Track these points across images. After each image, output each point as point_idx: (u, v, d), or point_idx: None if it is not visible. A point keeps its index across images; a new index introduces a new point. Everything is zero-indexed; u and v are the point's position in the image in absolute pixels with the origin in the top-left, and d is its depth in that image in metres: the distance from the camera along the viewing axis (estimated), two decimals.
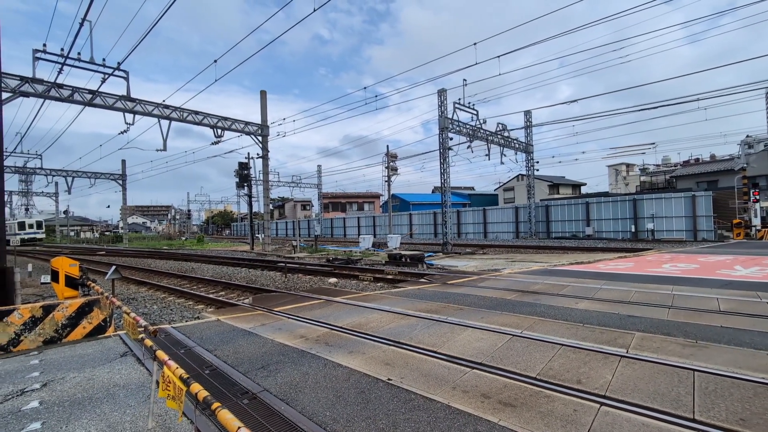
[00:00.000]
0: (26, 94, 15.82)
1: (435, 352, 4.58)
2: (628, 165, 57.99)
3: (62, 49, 14.88)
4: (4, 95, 14.17)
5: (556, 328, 5.33)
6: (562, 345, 4.62)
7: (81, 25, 11.58)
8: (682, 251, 16.76)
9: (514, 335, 5.08)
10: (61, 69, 15.15)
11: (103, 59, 15.97)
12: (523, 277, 10.32)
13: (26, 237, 51.05)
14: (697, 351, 4.29)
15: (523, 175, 38.40)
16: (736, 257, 13.52)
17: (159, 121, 19.82)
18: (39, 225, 54.08)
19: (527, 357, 4.30)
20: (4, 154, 9.13)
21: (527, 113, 31.34)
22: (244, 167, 29.48)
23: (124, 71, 16.88)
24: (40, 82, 15.94)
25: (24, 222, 52.76)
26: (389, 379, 3.82)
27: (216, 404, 1.73)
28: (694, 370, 3.76)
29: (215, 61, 14.38)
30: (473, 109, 24.82)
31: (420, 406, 3.26)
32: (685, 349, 4.36)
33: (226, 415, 1.63)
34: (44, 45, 15.04)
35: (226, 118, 22.80)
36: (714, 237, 23.59)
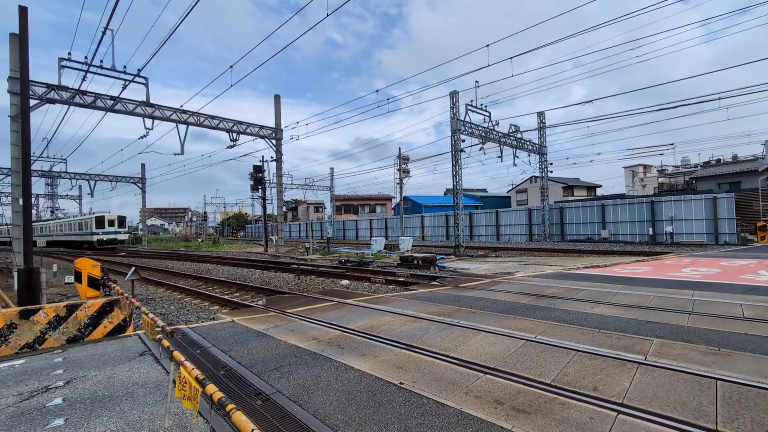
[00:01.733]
0: (52, 101, 16.44)
1: (447, 356, 4.55)
2: (645, 166, 56.52)
3: (86, 57, 15.42)
4: (32, 102, 14.76)
5: (572, 334, 5.24)
6: (578, 351, 4.53)
7: (103, 33, 11.98)
8: (703, 255, 16.24)
9: (527, 340, 5.01)
10: (84, 76, 15.70)
11: (124, 66, 16.48)
12: (536, 281, 10.17)
13: (105, 238, 38.08)
14: (719, 359, 4.15)
15: (536, 177, 37.86)
16: (760, 261, 13.02)
17: (177, 125, 20.31)
18: (122, 222, 40.38)
19: (541, 362, 4.23)
20: (31, 158, 9.50)
21: (540, 114, 30.92)
22: (258, 170, 29.93)
23: (143, 78, 17.39)
24: (65, 89, 16.55)
25: (103, 218, 38.60)
26: (401, 383, 3.82)
27: (230, 406, 1.77)
28: (716, 378, 3.64)
29: (231, 66, 14.68)
30: (485, 110, 24.62)
31: (432, 411, 3.24)
32: (707, 356, 4.22)
33: (240, 417, 1.67)
34: (69, 53, 15.62)
35: (241, 122, 23.20)
36: (737, 240, 22.76)
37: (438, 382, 3.83)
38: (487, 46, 13.72)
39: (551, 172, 31.98)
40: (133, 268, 10.19)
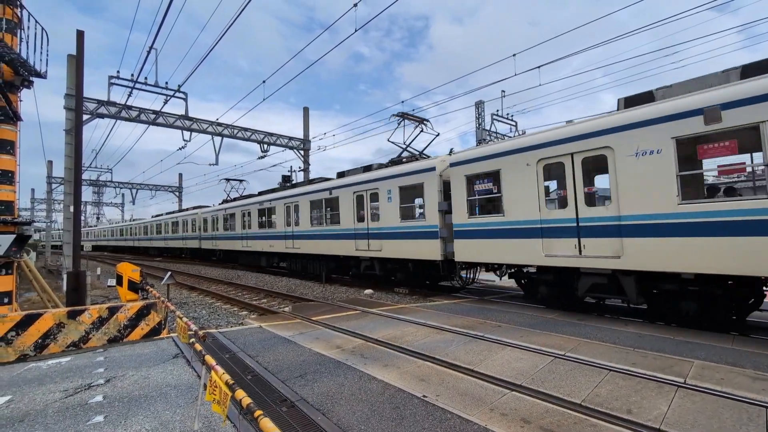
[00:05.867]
0: (102, 116, 17.76)
1: (472, 371, 4.47)
2: None
3: (132, 75, 16.61)
4: (84, 117, 15.98)
5: (604, 351, 5.00)
6: (611, 370, 4.33)
7: (148, 52, 12.89)
8: None
9: (556, 357, 4.84)
10: (130, 92, 16.88)
11: (166, 82, 17.59)
12: None
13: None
14: None
15: None
16: None
17: (212, 137, 21.35)
18: None
19: (571, 381, 4.07)
20: (81, 168, 10.29)
21: (569, 123, 30.05)
22: (286, 180, 30.79)
23: (183, 93, 18.47)
24: (113, 104, 17.84)
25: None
26: (424, 396, 3.79)
27: (258, 412, 1.84)
28: (767, 407, 3.37)
29: (264, 81, 15.33)
30: (512, 120, 24.24)
31: (456, 427, 3.19)
32: (756, 382, 3.91)
33: (267, 424, 1.73)
34: (117, 72, 16.89)
35: (271, 134, 24.05)
36: None
37: (462, 397, 3.77)
38: (514, 55, 13.59)
39: None
40: (169, 273, 10.72)
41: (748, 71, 5.76)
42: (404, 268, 11.47)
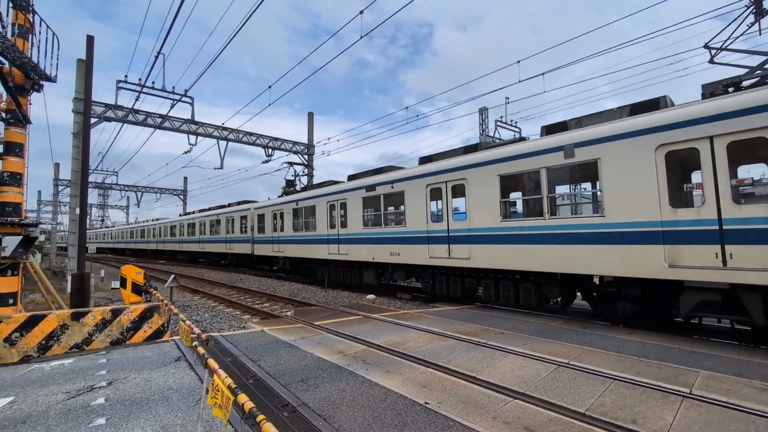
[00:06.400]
0: (109, 119, 17.98)
1: (474, 378, 4.44)
2: None
3: (140, 79, 16.85)
4: (92, 120, 16.18)
5: (608, 360, 4.96)
6: (615, 379, 4.28)
7: (156, 57, 13.07)
8: None
9: (560, 365, 4.80)
10: (138, 96, 17.10)
11: (173, 87, 17.80)
12: None
13: None
14: None
15: None
16: None
17: (218, 142, 21.53)
18: None
19: (575, 390, 4.03)
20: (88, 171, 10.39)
21: None
22: (290, 184, 30.92)
23: (190, 97, 18.66)
24: (121, 108, 18.07)
25: None
26: (426, 403, 3.76)
27: (260, 417, 1.84)
28: None
29: (270, 87, 15.50)
30: (516, 126, 24.27)
31: None
32: (763, 394, 3.86)
33: (269, 429, 1.72)
34: (125, 76, 17.14)
35: (276, 139, 24.22)
36: None
37: (464, 405, 3.74)
38: (518, 62, 13.66)
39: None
40: (173, 276, 10.76)
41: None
42: None
